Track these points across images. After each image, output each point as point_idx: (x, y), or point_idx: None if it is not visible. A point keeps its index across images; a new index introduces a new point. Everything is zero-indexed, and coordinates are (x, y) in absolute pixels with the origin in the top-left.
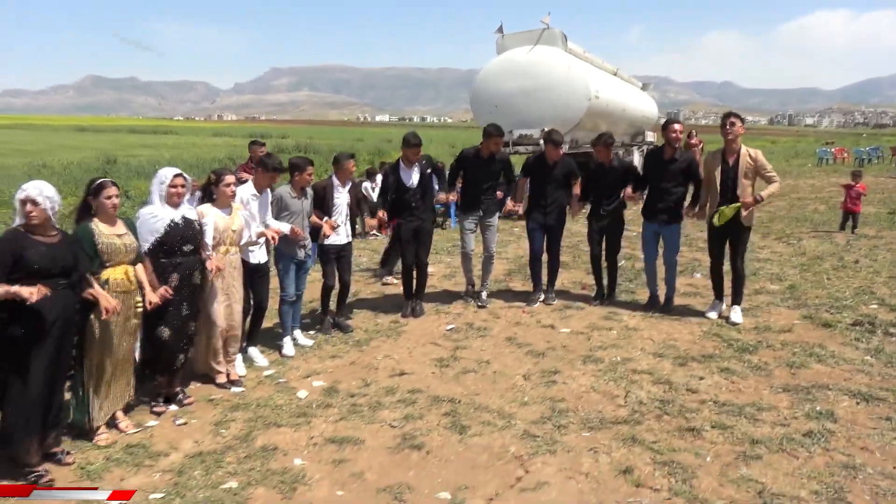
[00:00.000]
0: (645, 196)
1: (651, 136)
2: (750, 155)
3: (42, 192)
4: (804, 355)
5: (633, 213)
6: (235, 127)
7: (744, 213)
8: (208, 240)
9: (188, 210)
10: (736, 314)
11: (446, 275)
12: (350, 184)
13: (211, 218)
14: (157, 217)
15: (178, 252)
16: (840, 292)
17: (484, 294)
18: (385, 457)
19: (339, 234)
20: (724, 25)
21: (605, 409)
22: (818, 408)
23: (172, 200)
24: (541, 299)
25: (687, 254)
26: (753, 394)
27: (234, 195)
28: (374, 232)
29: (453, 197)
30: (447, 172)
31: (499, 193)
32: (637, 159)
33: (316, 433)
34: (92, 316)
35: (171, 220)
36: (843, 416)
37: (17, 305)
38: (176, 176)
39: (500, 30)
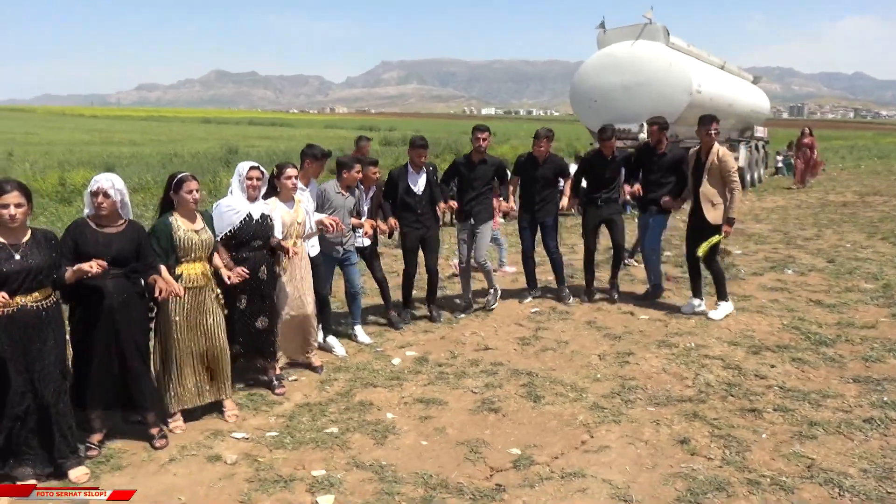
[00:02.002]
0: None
1: (761, 132)
2: (718, 155)
3: (114, 184)
4: (882, 350)
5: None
6: (346, 119)
7: (726, 229)
8: (278, 234)
9: (264, 206)
10: (715, 312)
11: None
12: (373, 189)
13: (278, 213)
14: (234, 209)
15: (246, 246)
16: None
17: (491, 297)
18: (465, 417)
19: (360, 237)
20: (856, 10)
21: (672, 388)
22: (885, 398)
23: (250, 193)
24: (536, 296)
25: (783, 250)
26: (822, 382)
27: (295, 188)
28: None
29: (453, 204)
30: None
31: (505, 204)
32: (743, 155)
33: (406, 394)
34: (159, 307)
35: (248, 214)
36: None
37: (79, 289)
38: (252, 168)
39: (602, 25)
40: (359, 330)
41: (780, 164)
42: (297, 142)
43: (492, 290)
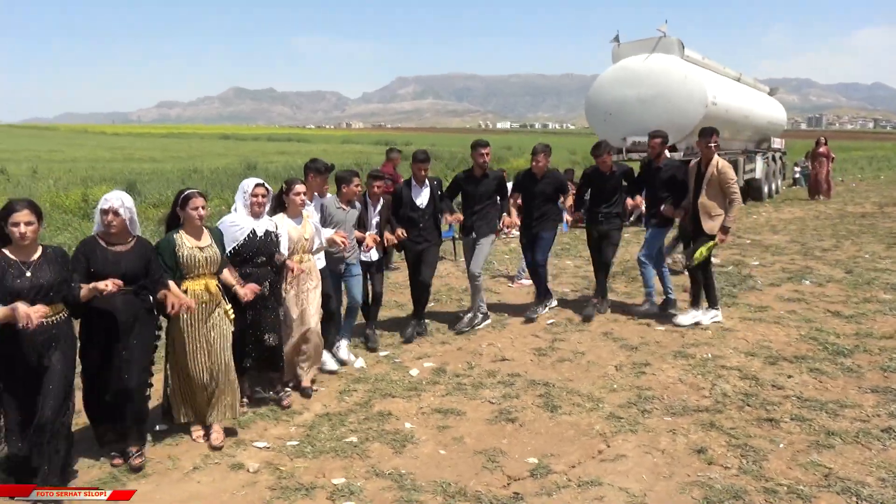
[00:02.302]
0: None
1: (778, 143)
2: (717, 166)
3: (123, 203)
4: None
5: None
6: (363, 134)
7: (720, 237)
8: (283, 250)
9: (268, 222)
10: (686, 317)
11: (553, 274)
12: (381, 203)
13: (284, 228)
14: (237, 226)
15: (250, 262)
16: None
17: (467, 317)
18: (483, 426)
19: (371, 252)
20: (874, 21)
21: (689, 398)
22: None
23: (254, 210)
24: (552, 306)
25: (800, 261)
26: (840, 392)
27: (303, 204)
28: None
29: (459, 217)
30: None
31: (508, 219)
32: (760, 166)
33: (424, 404)
34: (171, 320)
35: (252, 231)
36: None
37: (90, 306)
38: (257, 185)
39: (617, 39)
40: (343, 344)
41: (797, 175)
42: (314, 157)
43: (479, 309)
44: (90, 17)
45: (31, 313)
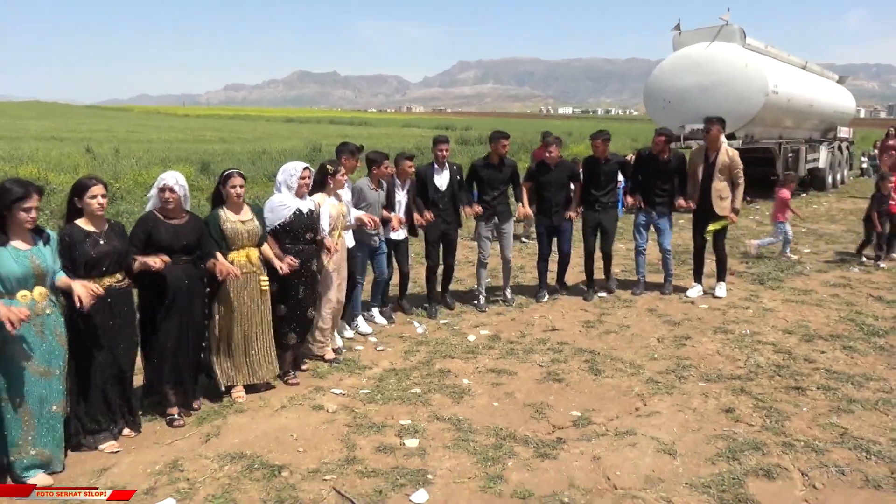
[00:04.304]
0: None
1: (845, 132)
2: (728, 154)
3: (178, 181)
4: None
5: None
6: (423, 118)
7: (733, 218)
8: (325, 226)
9: (310, 202)
10: (721, 289)
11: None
12: (409, 182)
13: (325, 207)
14: (285, 205)
15: (301, 239)
16: None
17: (508, 293)
18: (532, 384)
19: (398, 231)
20: None
21: (724, 368)
22: None
23: (300, 191)
24: (544, 300)
25: (853, 250)
26: (868, 367)
27: (344, 185)
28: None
29: (478, 209)
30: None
31: (522, 209)
32: (824, 156)
33: (480, 364)
34: (220, 290)
35: (297, 209)
36: None
37: (149, 275)
38: (304, 168)
39: (678, 27)
40: (376, 312)
41: (864, 165)
42: (375, 140)
43: (508, 290)
44: (164, 0)
45: (84, 296)
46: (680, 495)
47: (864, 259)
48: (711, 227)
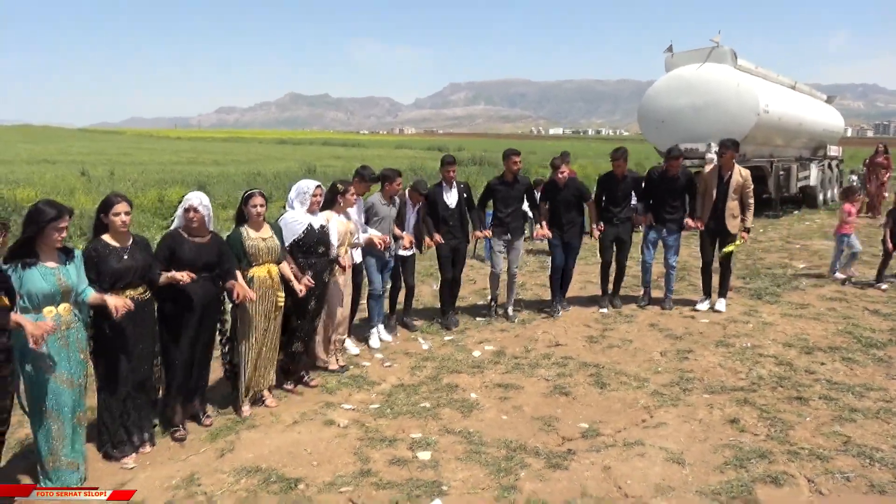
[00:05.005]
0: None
1: (835, 151)
2: (741, 174)
3: (202, 201)
4: None
5: None
6: (416, 140)
7: (745, 237)
8: (334, 241)
9: (321, 218)
10: (721, 304)
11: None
12: (420, 204)
13: (334, 223)
14: (298, 221)
15: (313, 253)
16: None
17: (510, 310)
18: (539, 398)
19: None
20: None
21: (727, 380)
22: None
23: (312, 208)
24: (560, 313)
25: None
26: (868, 378)
27: (354, 204)
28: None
29: (487, 233)
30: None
31: (540, 230)
32: (815, 174)
33: (487, 379)
34: (238, 307)
35: (310, 225)
36: None
37: (170, 289)
38: (317, 186)
39: (670, 49)
40: (381, 328)
41: (854, 184)
42: (369, 161)
43: (510, 308)
44: (155, 24)
45: (120, 306)
46: (691, 502)
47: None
48: (728, 248)
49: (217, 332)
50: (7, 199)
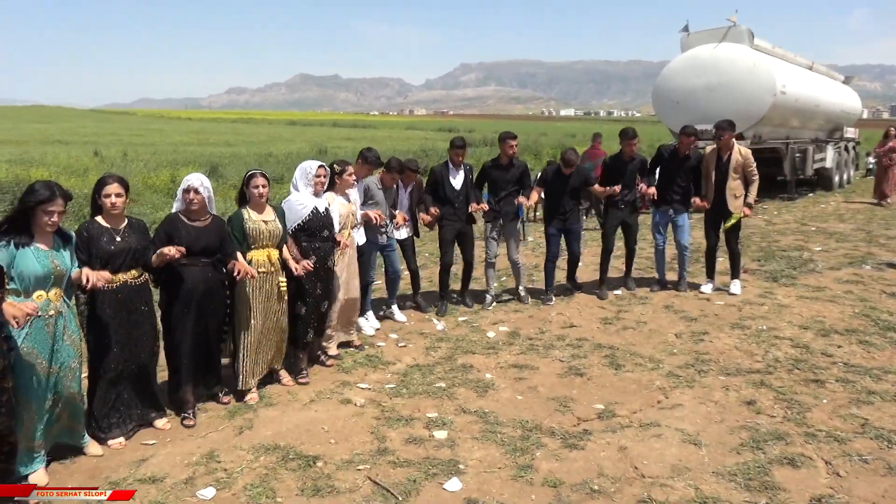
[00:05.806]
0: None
1: (851, 132)
2: (741, 153)
3: (202, 182)
4: None
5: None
6: (426, 121)
7: (747, 212)
8: (336, 223)
9: (324, 200)
10: (735, 286)
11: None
12: (412, 185)
13: (335, 205)
14: (302, 204)
15: (317, 236)
16: None
17: (522, 291)
18: (554, 379)
19: (400, 230)
20: None
21: (743, 362)
22: None
23: (317, 189)
24: (552, 301)
25: (864, 248)
26: (885, 361)
27: (354, 185)
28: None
29: (484, 206)
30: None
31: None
32: (831, 156)
33: (502, 360)
34: (235, 292)
35: (315, 208)
36: None
37: (168, 273)
38: (320, 166)
39: (686, 28)
40: (395, 309)
41: (871, 166)
42: (379, 142)
43: (521, 289)
44: (165, 5)
45: (92, 276)
46: (707, 483)
47: None
48: (729, 222)
49: (224, 317)
50: (22, 178)
